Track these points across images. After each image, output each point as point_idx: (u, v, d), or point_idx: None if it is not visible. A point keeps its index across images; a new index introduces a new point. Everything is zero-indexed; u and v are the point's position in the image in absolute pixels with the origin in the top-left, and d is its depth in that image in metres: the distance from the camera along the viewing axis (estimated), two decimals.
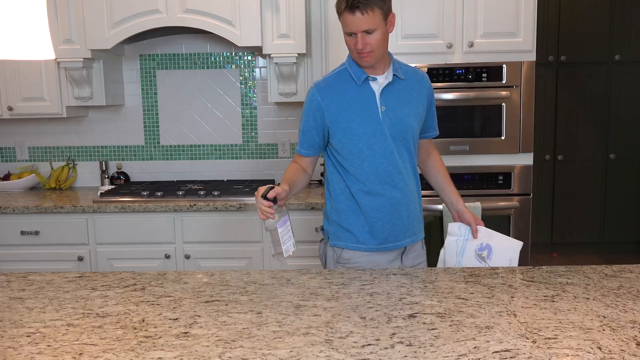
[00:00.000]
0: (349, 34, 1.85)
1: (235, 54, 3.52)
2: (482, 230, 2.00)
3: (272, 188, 1.75)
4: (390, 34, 1.90)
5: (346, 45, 1.90)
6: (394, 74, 1.94)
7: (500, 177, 2.96)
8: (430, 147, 2.18)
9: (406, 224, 1.99)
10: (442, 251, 2.03)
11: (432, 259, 3.01)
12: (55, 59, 3.12)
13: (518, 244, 1.96)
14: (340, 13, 1.84)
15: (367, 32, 1.82)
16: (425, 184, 3.04)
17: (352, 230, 1.98)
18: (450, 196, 2.11)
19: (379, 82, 1.93)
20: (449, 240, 2.02)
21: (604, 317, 1.36)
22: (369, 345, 1.23)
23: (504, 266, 1.87)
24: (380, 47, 1.85)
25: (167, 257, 2.98)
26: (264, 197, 1.72)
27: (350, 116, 1.90)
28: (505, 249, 1.96)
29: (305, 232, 2.96)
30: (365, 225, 1.96)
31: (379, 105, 1.91)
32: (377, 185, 1.94)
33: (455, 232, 2.02)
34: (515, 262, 1.94)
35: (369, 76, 1.92)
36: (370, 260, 1.97)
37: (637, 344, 1.21)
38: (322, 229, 2.13)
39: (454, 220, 2.08)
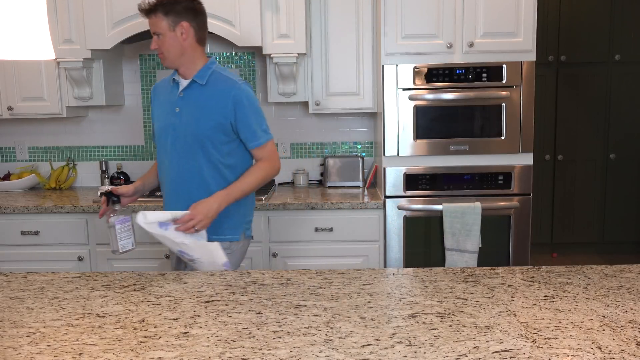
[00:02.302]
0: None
1: (235, 54, 3.52)
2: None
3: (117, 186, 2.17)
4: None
5: None
6: (193, 80, 2.13)
7: (500, 177, 2.96)
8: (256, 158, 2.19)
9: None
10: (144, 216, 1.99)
11: (431, 258, 3.02)
12: (55, 59, 3.12)
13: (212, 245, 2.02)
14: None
15: (156, 34, 2.08)
16: (422, 184, 3.04)
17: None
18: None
19: (180, 83, 2.18)
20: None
21: (604, 317, 1.36)
22: (369, 345, 1.23)
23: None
24: (172, 53, 2.10)
25: (167, 257, 2.98)
26: (104, 194, 2.05)
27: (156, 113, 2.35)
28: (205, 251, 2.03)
29: (305, 231, 2.96)
30: None
31: (175, 106, 2.16)
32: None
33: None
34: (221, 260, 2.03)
35: (174, 78, 2.24)
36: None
37: (637, 344, 1.21)
38: None
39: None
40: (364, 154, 3.53)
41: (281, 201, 2.97)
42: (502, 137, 2.93)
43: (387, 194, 2.97)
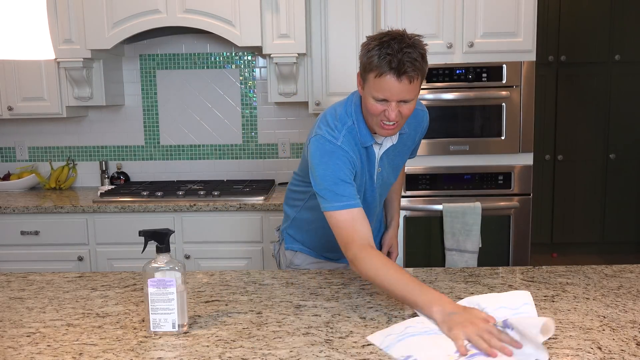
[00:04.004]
0: (380, 100, 1.51)
1: (235, 54, 3.52)
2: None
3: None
4: None
5: (367, 108, 1.56)
6: (399, 133, 1.71)
7: (500, 177, 2.96)
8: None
9: None
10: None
11: (431, 258, 3.02)
12: (55, 59, 3.12)
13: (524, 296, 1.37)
14: (374, 72, 1.48)
15: (404, 101, 1.52)
16: (423, 184, 3.03)
17: (308, 244, 1.93)
18: (391, 211, 2.07)
19: (383, 144, 1.70)
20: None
21: (604, 317, 1.36)
22: (369, 345, 1.23)
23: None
24: (408, 117, 1.59)
25: None
26: None
27: (360, 178, 1.69)
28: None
29: None
30: (327, 244, 1.85)
31: (376, 167, 1.72)
32: None
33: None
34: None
35: (375, 142, 1.67)
36: (318, 267, 1.92)
37: (637, 344, 1.21)
38: (279, 230, 2.06)
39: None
40: None
41: (281, 201, 2.97)
42: (502, 137, 2.93)
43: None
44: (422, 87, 2.96)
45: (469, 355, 1.15)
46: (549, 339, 1.24)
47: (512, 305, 1.33)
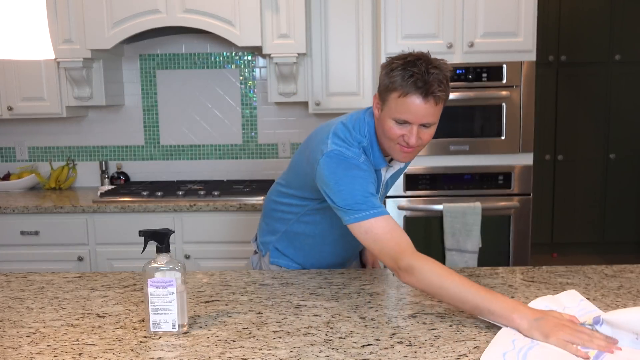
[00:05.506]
0: (401, 122, 1.47)
1: (235, 54, 3.52)
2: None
3: None
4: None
5: (385, 131, 1.50)
6: None
7: (500, 177, 2.96)
8: None
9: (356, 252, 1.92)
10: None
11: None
12: (55, 59, 3.12)
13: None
14: (397, 92, 1.43)
15: (425, 125, 1.47)
16: (423, 184, 3.04)
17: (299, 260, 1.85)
18: None
19: (391, 167, 1.68)
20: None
21: None
22: (369, 345, 1.23)
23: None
24: (427, 144, 1.52)
25: None
26: None
27: None
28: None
29: None
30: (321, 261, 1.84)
31: (380, 190, 1.70)
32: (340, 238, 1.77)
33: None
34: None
35: (387, 165, 1.64)
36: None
37: None
38: (257, 241, 1.97)
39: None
40: None
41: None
42: (502, 137, 2.93)
43: (387, 194, 2.96)
44: None
45: (594, 357, 1.13)
46: None
47: (572, 303, 1.35)
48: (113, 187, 3.37)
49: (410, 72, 1.41)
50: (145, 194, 3.04)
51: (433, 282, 1.34)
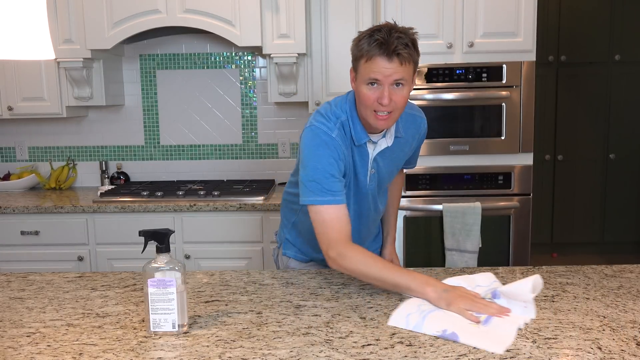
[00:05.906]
0: (372, 83, 1.52)
1: (235, 54, 3.52)
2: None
3: None
4: None
5: (361, 99, 1.56)
6: (395, 136, 1.70)
7: (500, 177, 2.96)
8: (399, 172, 1.98)
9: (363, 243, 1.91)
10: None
11: (431, 258, 3.02)
12: (55, 59, 3.12)
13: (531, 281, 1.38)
14: (364, 57, 1.52)
15: (397, 83, 1.52)
16: (422, 184, 3.03)
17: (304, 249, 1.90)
18: (387, 227, 2.05)
19: (378, 143, 1.68)
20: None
21: (604, 317, 1.36)
22: (369, 345, 1.23)
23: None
24: (403, 108, 1.57)
25: None
26: None
27: (347, 176, 1.66)
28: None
29: None
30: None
31: (369, 169, 1.69)
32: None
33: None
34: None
35: (370, 139, 1.65)
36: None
37: (637, 344, 1.21)
38: (277, 234, 2.03)
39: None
40: None
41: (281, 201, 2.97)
42: (502, 137, 2.93)
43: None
44: (422, 87, 2.97)
45: (484, 321, 1.31)
46: (549, 338, 1.24)
47: (485, 283, 1.53)
48: (113, 187, 3.37)
49: (375, 37, 1.50)
50: (145, 194, 3.04)
51: (360, 267, 1.50)
